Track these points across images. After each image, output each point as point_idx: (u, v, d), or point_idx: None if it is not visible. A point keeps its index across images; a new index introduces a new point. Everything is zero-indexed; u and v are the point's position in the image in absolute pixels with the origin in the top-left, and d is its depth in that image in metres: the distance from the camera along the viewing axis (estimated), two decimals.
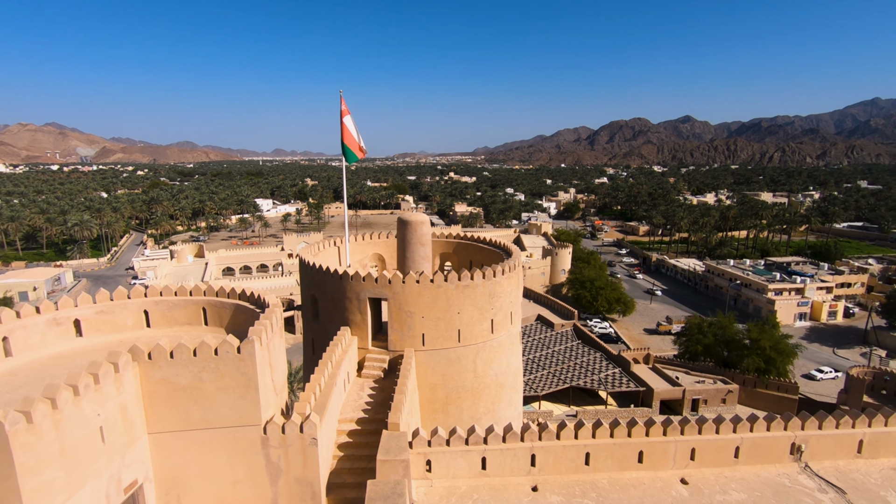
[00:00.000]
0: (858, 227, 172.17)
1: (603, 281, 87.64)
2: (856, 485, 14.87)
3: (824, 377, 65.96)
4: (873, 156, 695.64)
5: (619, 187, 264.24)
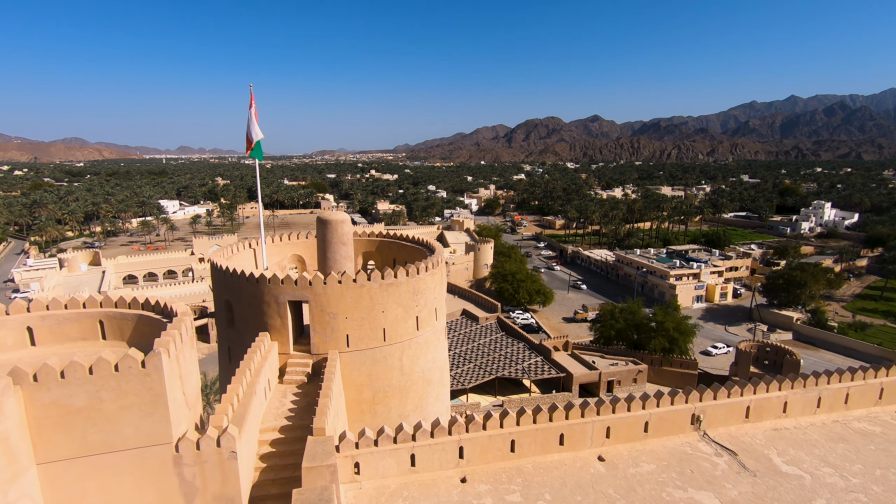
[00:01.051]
0: (743, 217, 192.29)
1: (524, 274, 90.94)
2: (745, 446, 16.65)
3: (718, 352, 73.12)
4: (752, 153, 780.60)
5: (536, 183, 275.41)
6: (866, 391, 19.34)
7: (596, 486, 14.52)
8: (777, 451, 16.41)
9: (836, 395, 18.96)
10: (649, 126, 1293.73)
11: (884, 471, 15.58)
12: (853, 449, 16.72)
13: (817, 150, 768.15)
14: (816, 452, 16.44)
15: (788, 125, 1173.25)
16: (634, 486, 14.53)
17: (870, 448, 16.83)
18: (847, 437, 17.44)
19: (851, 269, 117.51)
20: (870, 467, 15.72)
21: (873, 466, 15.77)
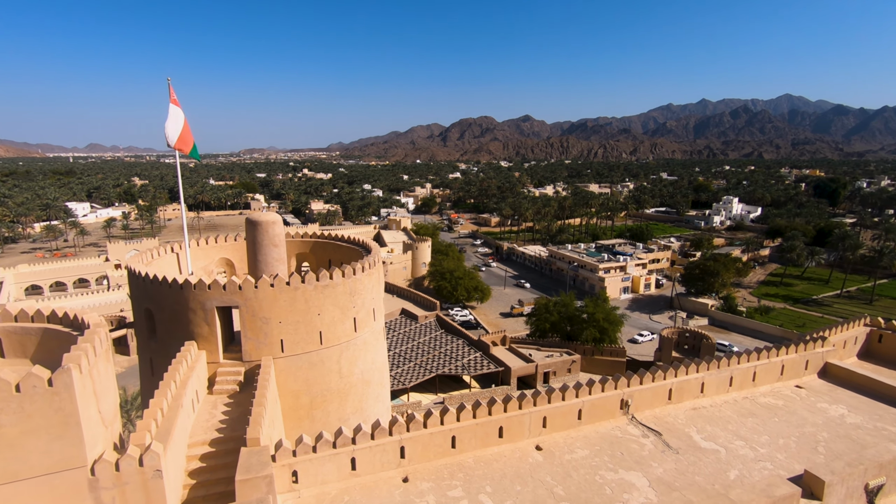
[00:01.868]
0: (663, 212, 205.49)
1: (461, 271, 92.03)
2: (668, 426, 17.83)
3: (644, 340, 77.73)
4: (670, 152, 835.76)
5: (472, 182, 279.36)
6: (770, 369, 21.31)
7: (534, 475, 14.99)
8: (696, 429, 17.70)
9: (745, 374, 20.74)
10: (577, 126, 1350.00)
11: (786, 440, 17.24)
12: (760, 422, 18.37)
13: (725, 150, 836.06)
14: (730, 427, 17.91)
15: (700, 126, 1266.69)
16: (570, 471, 15.15)
17: (774, 420, 18.57)
18: (755, 412, 19.13)
19: (756, 259, 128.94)
20: (774, 437, 17.35)
21: (777, 436, 17.42)
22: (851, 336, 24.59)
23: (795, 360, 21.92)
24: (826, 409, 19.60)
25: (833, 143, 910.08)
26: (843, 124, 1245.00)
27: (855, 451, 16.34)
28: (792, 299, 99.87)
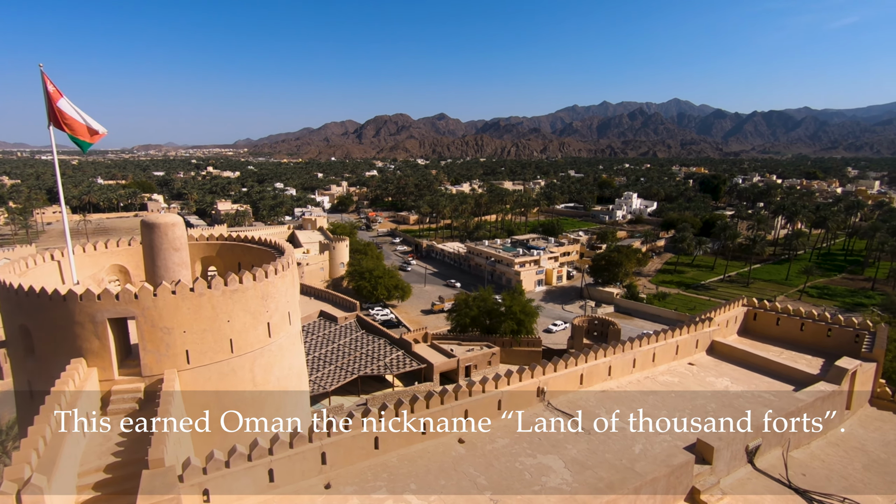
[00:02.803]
0: (571, 208, 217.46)
1: (381, 270, 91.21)
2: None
3: (558, 329, 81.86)
4: (577, 150, 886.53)
5: (389, 179, 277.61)
6: (667, 349, 23.35)
7: (458, 468, 15.24)
8: (605, 410, 18.97)
9: (646, 356, 22.55)
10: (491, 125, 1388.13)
11: (681, 413, 18.99)
12: (659, 399, 20.08)
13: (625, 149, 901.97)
14: (634, 406, 19.38)
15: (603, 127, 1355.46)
16: (492, 461, 15.59)
17: (671, 396, 20.38)
18: (655, 390, 20.88)
19: (654, 249, 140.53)
20: (672, 412, 19.04)
21: (674, 411, 19.13)
22: (732, 316, 27.60)
23: (688, 340, 24.21)
24: (713, 382, 21.85)
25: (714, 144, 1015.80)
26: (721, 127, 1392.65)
27: (737, 418, 18.36)
28: (684, 285, 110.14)
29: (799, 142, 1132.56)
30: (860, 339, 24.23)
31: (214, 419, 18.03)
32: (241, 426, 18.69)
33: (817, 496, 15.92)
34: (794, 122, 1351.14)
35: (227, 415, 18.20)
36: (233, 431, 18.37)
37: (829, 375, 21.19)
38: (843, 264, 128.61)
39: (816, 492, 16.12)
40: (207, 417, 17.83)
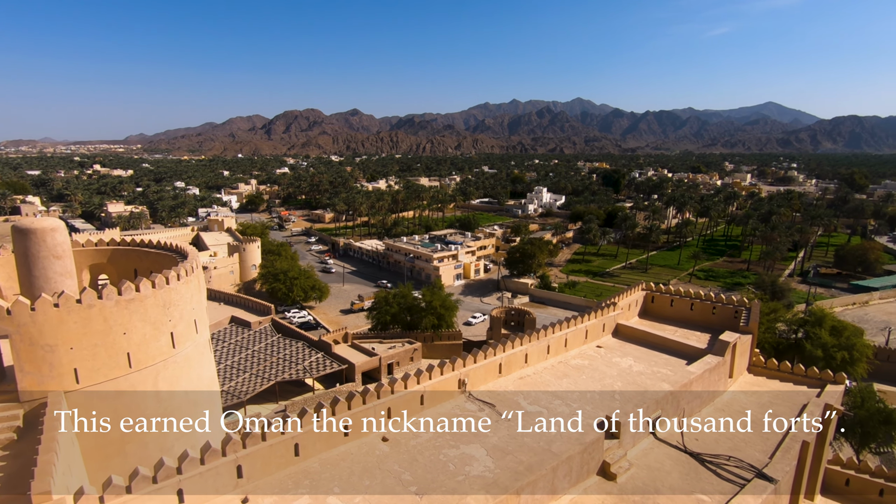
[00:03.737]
0: (486, 202, 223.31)
1: (296, 271, 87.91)
2: (500, 398, 19.59)
3: (477, 321, 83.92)
4: (489, 147, 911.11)
5: (302, 177, 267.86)
6: (577, 334, 24.82)
7: (382, 466, 15.17)
8: (523, 396, 19.79)
9: (559, 342, 23.81)
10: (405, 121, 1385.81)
11: (592, 393, 20.31)
12: (572, 381, 21.32)
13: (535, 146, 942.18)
14: (549, 390, 20.41)
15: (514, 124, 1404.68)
16: (416, 456, 15.69)
17: (582, 378, 21.71)
18: (568, 373, 22.12)
19: (563, 240, 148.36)
20: (583, 392, 20.30)
21: (585, 391, 20.41)
22: (633, 300, 29.92)
23: (595, 324, 25.90)
24: (619, 362, 23.59)
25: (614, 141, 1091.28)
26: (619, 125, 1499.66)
27: (640, 393, 19.98)
28: (592, 273, 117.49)
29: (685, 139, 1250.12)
30: (739, 315, 27.32)
31: (112, 442, 16.47)
32: (144, 447, 17.25)
33: (709, 458, 17.77)
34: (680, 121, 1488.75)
35: (128, 435, 16.71)
36: (135, 454, 16.91)
37: (714, 349, 23.69)
38: (723, 249, 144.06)
39: (707, 454, 17.99)
40: (104, 441, 16.24)
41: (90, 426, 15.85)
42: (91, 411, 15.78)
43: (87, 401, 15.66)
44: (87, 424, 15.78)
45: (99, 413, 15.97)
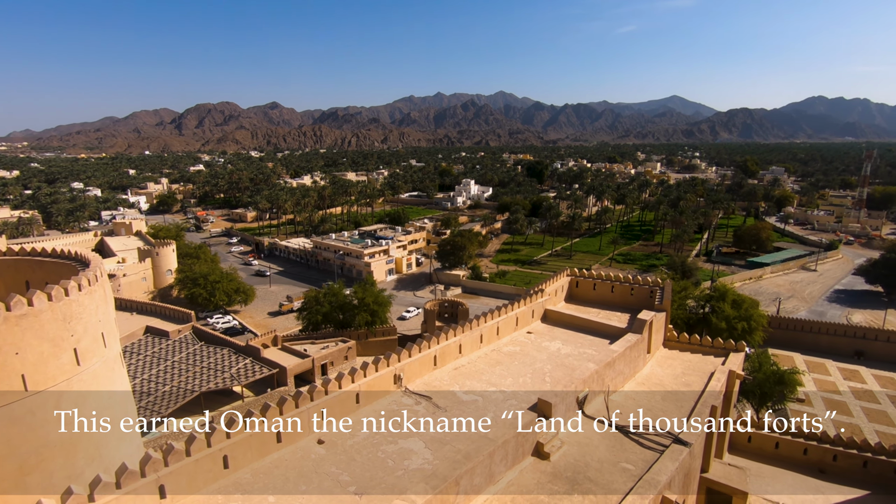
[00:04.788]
0: (415, 196, 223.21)
1: (218, 274, 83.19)
2: (436, 390, 19.74)
3: (411, 315, 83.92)
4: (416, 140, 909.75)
5: (219, 174, 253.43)
6: (508, 322, 25.52)
7: (319, 469, 14.79)
8: (458, 385, 20.07)
9: (491, 330, 24.36)
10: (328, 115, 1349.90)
11: (524, 378, 21.00)
12: (505, 368, 21.91)
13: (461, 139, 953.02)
14: (484, 378, 20.85)
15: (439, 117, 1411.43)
16: (354, 455, 15.45)
17: (515, 364, 22.38)
18: (501, 360, 22.71)
19: (492, 231, 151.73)
20: (516, 378, 20.94)
21: (518, 377, 21.06)
22: (559, 286, 31.22)
23: (525, 311, 26.75)
24: (548, 346, 24.55)
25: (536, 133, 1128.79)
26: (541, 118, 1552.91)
27: (568, 374, 20.93)
28: (520, 262, 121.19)
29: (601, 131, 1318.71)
30: (654, 295, 29.34)
31: (9, 474, 14.81)
32: (49, 476, 15.67)
33: (632, 429, 19.00)
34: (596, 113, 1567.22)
35: (29, 465, 15.08)
36: (36, 485, 15.32)
37: (634, 327, 25.30)
38: (639, 233, 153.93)
39: (631, 425, 19.22)
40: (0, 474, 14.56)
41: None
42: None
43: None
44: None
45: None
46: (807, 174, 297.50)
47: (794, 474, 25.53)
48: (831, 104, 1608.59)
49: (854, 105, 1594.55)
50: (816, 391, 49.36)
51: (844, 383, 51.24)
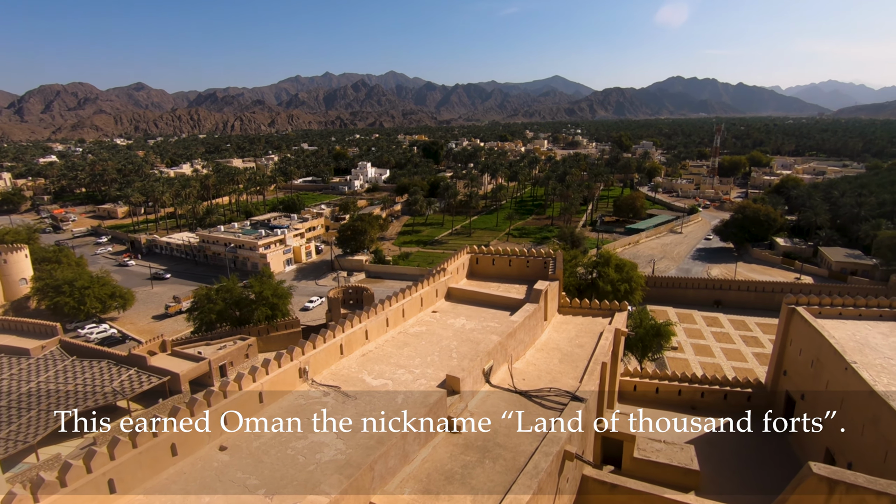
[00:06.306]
0: (310, 181, 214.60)
1: (86, 279, 73.88)
2: (344, 378, 19.43)
3: (314, 305, 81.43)
4: (307, 123, 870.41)
5: (78, 166, 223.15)
6: (414, 303, 25.71)
7: (223, 477, 13.95)
8: (367, 371, 19.93)
9: (397, 313, 24.39)
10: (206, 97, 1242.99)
11: (432, 356, 21.38)
12: (413, 349, 22.13)
13: (354, 120, 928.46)
14: (392, 361, 20.90)
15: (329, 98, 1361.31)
16: (261, 457, 14.77)
17: (422, 344, 22.68)
18: (408, 342, 22.89)
19: (393, 214, 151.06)
20: (424, 358, 21.25)
21: (426, 356, 21.39)
22: (460, 263, 32.02)
23: (429, 291, 27.11)
24: (453, 323, 25.18)
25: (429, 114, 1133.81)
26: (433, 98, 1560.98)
27: (474, 348, 21.68)
28: (422, 243, 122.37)
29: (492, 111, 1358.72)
30: (548, 265, 31.23)
31: None
32: None
33: (534, 392, 20.25)
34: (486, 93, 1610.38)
35: None
36: None
37: (531, 298, 26.77)
38: (532, 208, 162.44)
39: (533, 390, 20.48)
40: None
41: None
42: None
43: None
44: None
45: None
46: (671, 147, 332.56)
47: (672, 413, 29.03)
48: (687, 84, 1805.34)
49: (705, 84, 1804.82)
50: (686, 339, 56.23)
51: (707, 329, 58.92)
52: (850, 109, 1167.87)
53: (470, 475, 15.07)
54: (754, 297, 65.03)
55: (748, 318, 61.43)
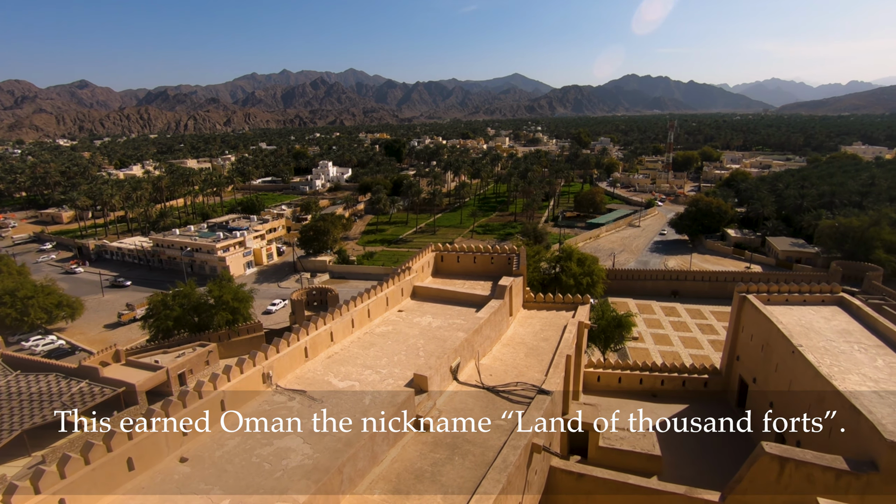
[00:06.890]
0: (270, 182, 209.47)
1: (30, 288, 69.76)
2: (310, 381, 19.08)
3: (277, 308, 79.65)
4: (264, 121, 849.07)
5: (17, 168, 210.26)
6: (379, 303, 25.51)
7: (185, 489, 13.46)
8: (333, 374, 19.64)
9: (362, 313, 24.13)
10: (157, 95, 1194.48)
11: (399, 356, 21.27)
12: (379, 349, 21.96)
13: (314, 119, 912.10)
14: (359, 362, 20.67)
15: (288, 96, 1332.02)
16: (224, 466, 14.33)
17: (388, 343, 22.53)
18: (374, 342, 22.69)
19: (356, 213, 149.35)
20: (391, 357, 21.12)
21: (392, 356, 21.27)
22: (425, 261, 31.97)
23: (395, 290, 26.95)
24: (419, 321, 25.13)
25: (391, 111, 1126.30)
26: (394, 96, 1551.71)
27: (440, 346, 21.70)
28: (387, 241, 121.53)
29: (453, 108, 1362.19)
30: (512, 261, 31.57)
31: None
32: None
33: (501, 388, 20.46)
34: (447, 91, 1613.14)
35: None
36: None
37: (496, 294, 27.01)
38: (495, 205, 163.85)
39: (500, 385, 20.69)
40: None
41: None
42: None
43: None
44: None
45: None
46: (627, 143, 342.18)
47: (635, 401, 29.93)
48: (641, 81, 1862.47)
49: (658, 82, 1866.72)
50: (646, 329, 58.09)
51: (666, 319, 61.06)
52: (791, 106, 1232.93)
53: (440, 473, 15.09)
54: (708, 286, 67.77)
55: (703, 306, 64.01)
